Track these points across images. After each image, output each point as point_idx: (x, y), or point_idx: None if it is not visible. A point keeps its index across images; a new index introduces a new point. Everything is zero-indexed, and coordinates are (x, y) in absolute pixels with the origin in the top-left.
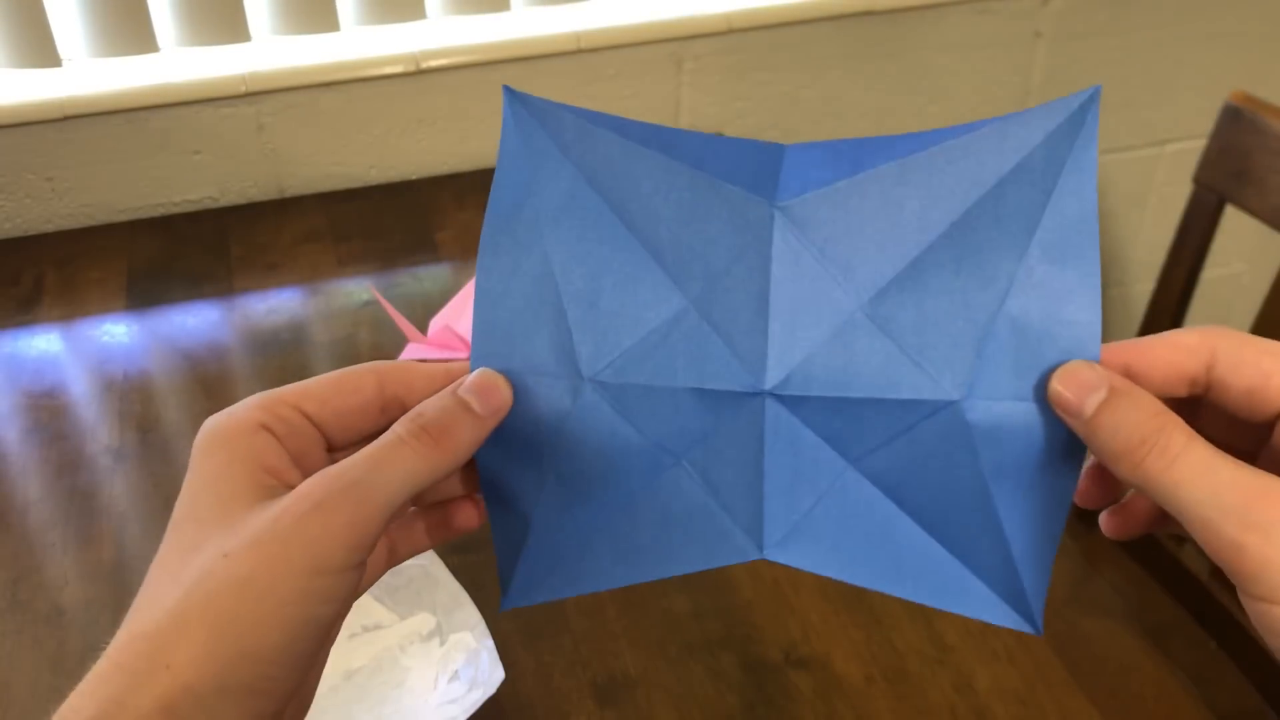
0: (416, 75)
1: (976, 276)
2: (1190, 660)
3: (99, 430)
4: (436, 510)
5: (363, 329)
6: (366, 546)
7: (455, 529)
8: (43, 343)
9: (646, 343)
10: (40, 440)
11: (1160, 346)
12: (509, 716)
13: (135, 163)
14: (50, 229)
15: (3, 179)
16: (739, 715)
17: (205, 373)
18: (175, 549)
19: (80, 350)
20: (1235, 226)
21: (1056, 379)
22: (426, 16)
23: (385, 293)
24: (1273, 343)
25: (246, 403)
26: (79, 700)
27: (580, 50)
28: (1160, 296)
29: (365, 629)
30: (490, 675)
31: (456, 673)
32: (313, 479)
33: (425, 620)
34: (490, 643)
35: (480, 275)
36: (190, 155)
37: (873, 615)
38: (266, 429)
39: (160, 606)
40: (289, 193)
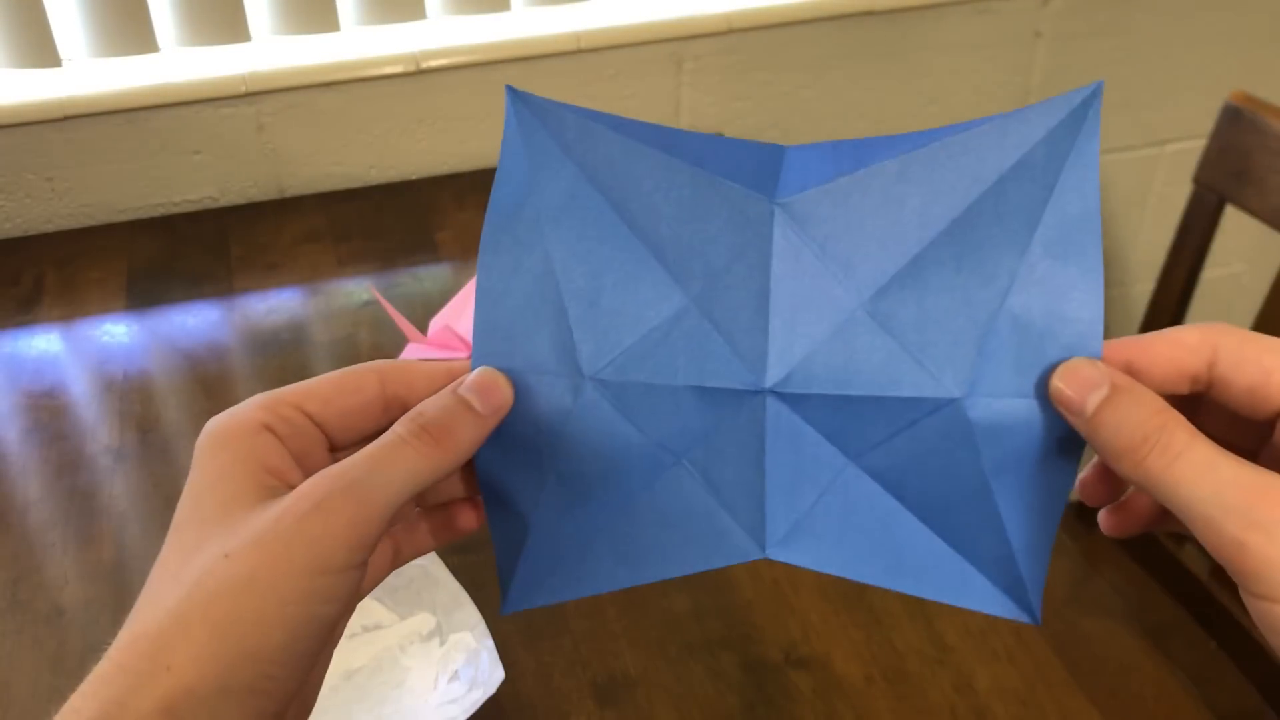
0: (416, 75)
1: (978, 273)
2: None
3: (99, 430)
4: (440, 511)
5: (363, 329)
6: (368, 546)
7: (458, 530)
8: (43, 343)
9: (647, 341)
10: (40, 440)
11: (1161, 344)
12: (509, 716)
13: (135, 163)
14: (50, 229)
15: (3, 179)
16: (739, 715)
17: (205, 373)
18: (176, 550)
19: (80, 350)
20: (1235, 226)
21: (1058, 376)
22: (426, 16)
23: (385, 293)
24: (1274, 340)
25: (249, 403)
26: (80, 701)
27: (580, 50)
28: (1160, 296)
29: (365, 629)
30: (490, 675)
31: (456, 673)
32: (314, 479)
33: (425, 620)
34: (490, 643)
35: (481, 274)
36: (190, 155)
37: (873, 615)
38: (269, 429)
39: (161, 607)
40: (289, 193)
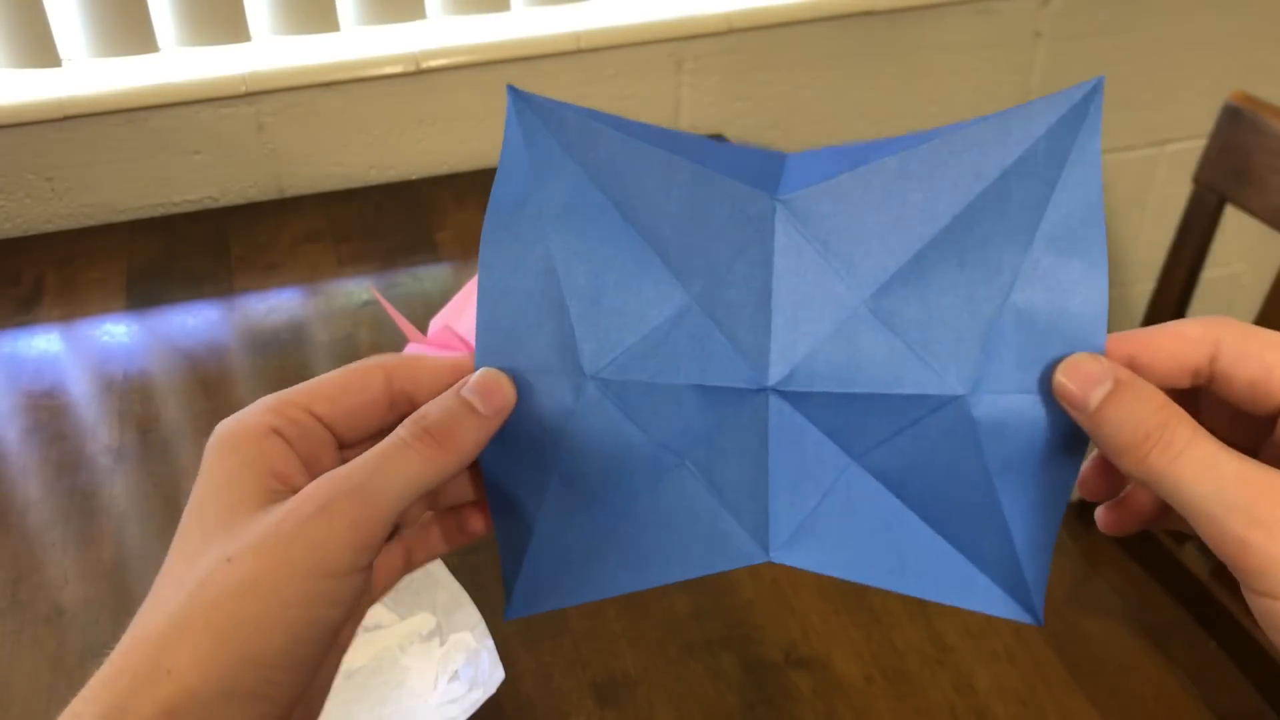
0: (416, 75)
1: (981, 269)
2: (1190, 660)
3: (99, 430)
4: (451, 515)
5: (363, 329)
6: (371, 549)
7: (469, 534)
8: (43, 343)
9: (649, 340)
10: (40, 440)
11: (1164, 337)
12: (509, 716)
13: (135, 163)
14: (50, 229)
15: (3, 179)
16: (739, 715)
17: (205, 373)
18: (180, 555)
19: (80, 350)
20: (1235, 226)
21: (1061, 371)
22: (426, 16)
23: (385, 293)
24: (1277, 335)
25: (257, 406)
26: (81, 705)
27: (580, 50)
28: (1160, 296)
29: (365, 629)
30: (490, 675)
31: (456, 673)
32: (317, 482)
33: (425, 620)
34: (490, 643)
35: (482, 272)
36: (190, 155)
37: (873, 615)
38: (277, 433)
39: (163, 611)
40: (289, 193)
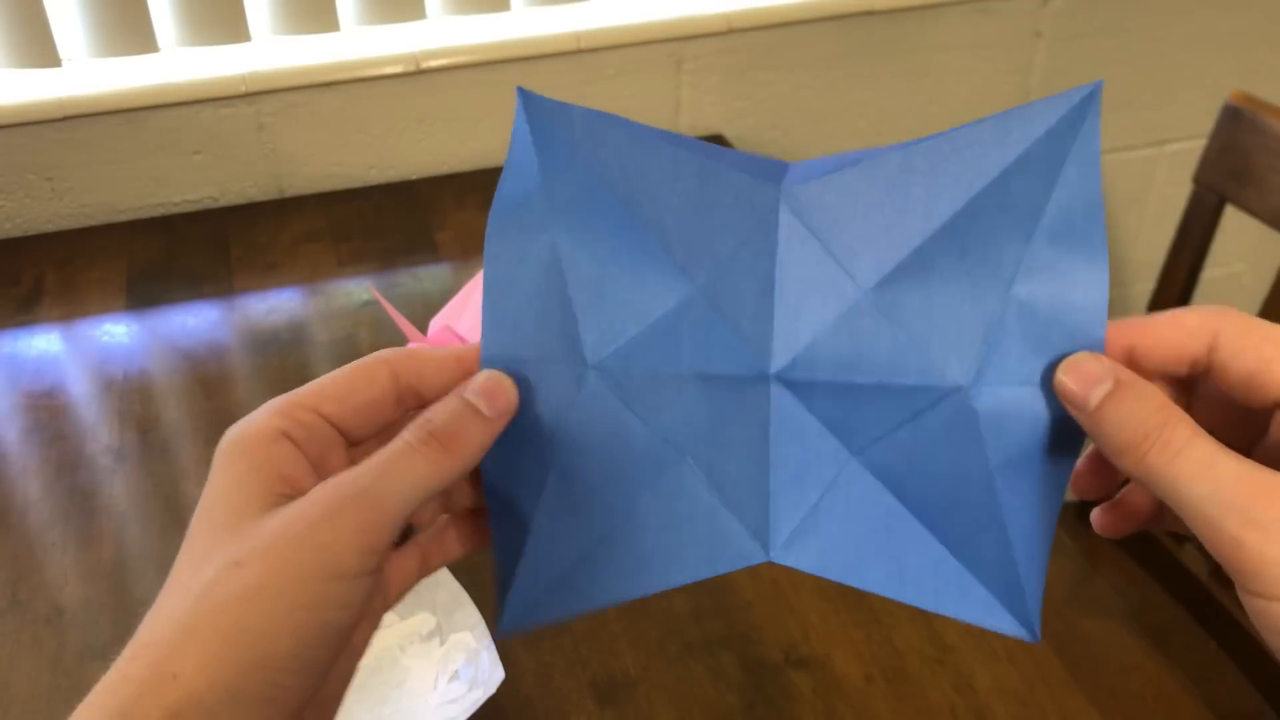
0: (416, 75)
1: (982, 262)
2: (1190, 660)
3: (99, 430)
4: (467, 518)
5: (363, 329)
6: (378, 552)
7: (485, 536)
8: (43, 343)
9: (652, 329)
10: (40, 440)
11: (1163, 326)
12: (509, 716)
13: (135, 163)
14: (50, 229)
15: (3, 179)
16: (739, 715)
17: (205, 373)
18: (187, 560)
19: (80, 350)
20: (1235, 226)
21: (1062, 370)
22: (426, 16)
23: (385, 293)
24: (1275, 327)
25: (265, 410)
26: (86, 711)
27: (580, 50)
28: (1160, 296)
29: None
30: (490, 675)
31: (456, 673)
32: (323, 486)
33: (425, 620)
34: (490, 643)
35: (488, 265)
36: (190, 155)
37: (873, 615)
38: (287, 436)
39: (169, 616)
40: (289, 193)
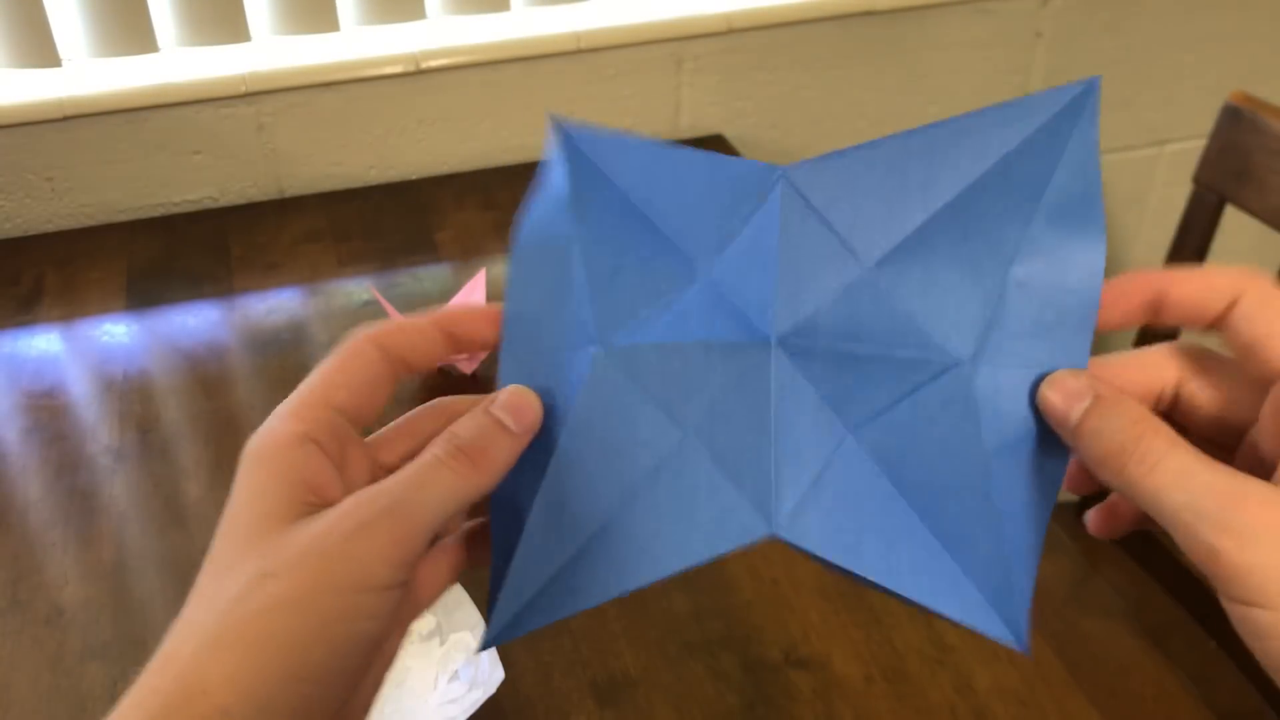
0: (416, 75)
1: (983, 244)
2: (1190, 660)
3: (99, 430)
4: None
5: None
6: (408, 564)
7: None
8: (43, 343)
9: (660, 309)
10: (40, 440)
11: (1194, 281)
12: (509, 716)
13: (135, 163)
14: (50, 229)
15: (3, 179)
16: (739, 715)
17: (205, 373)
18: (213, 571)
19: (80, 350)
20: (1235, 226)
21: (1045, 386)
22: (426, 16)
23: (385, 293)
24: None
25: (282, 415)
26: None
27: (580, 50)
28: None
29: None
30: (490, 675)
31: (456, 673)
32: (355, 499)
33: (425, 620)
34: None
35: (512, 268)
36: (190, 155)
37: (872, 615)
38: (309, 439)
39: (197, 628)
40: (289, 193)
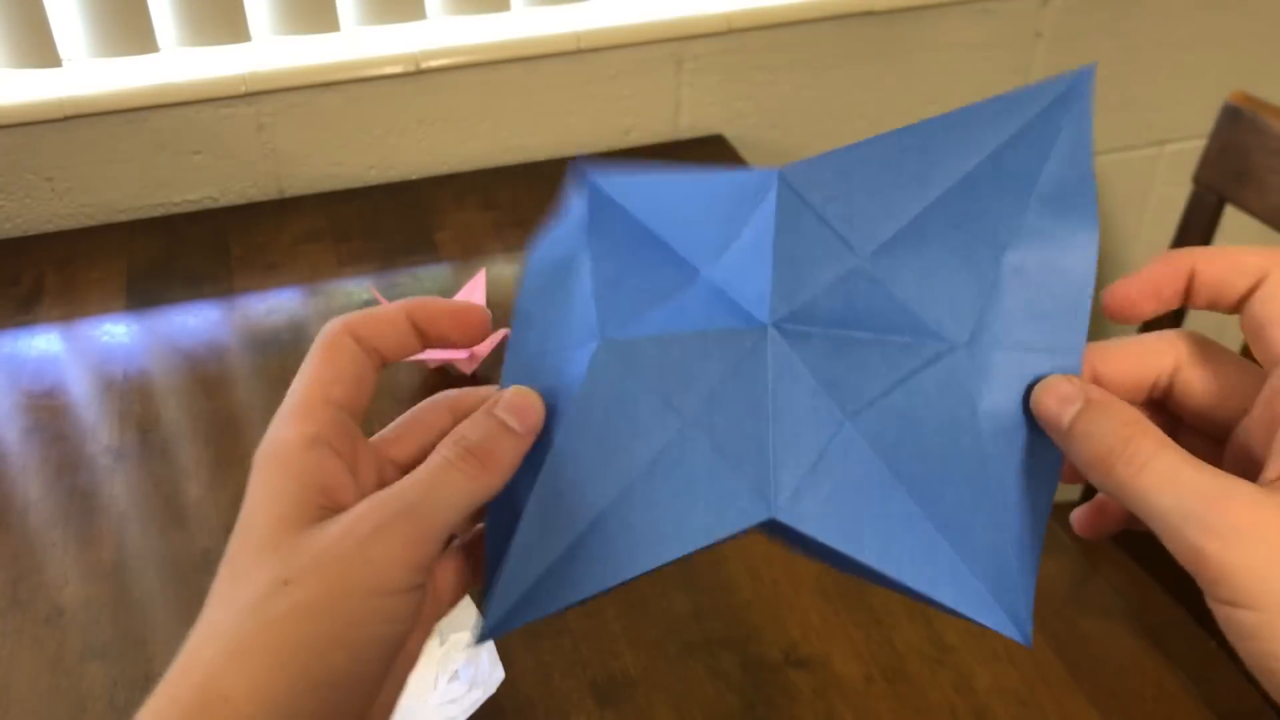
0: (416, 75)
1: (977, 231)
2: (1190, 660)
3: (99, 430)
4: None
5: None
6: (425, 566)
7: None
8: (43, 343)
9: (661, 307)
10: (40, 440)
11: (1221, 260)
12: (509, 716)
13: (135, 163)
14: (50, 229)
15: (3, 179)
16: (739, 715)
17: (205, 373)
18: (229, 577)
19: (80, 350)
20: (1235, 226)
21: (1038, 390)
22: (426, 16)
23: (385, 293)
24: (1231, 353)
25: (289, 417)
26: None
27: (580, 50)
28: None
29: None
30: (490, 675)
31: (456, 673)
32: (369, 503)
33: None
34: (490, 643)
35: (526, 279)
36: (190, 155)
37: (872, 615)
38: (320, 441)
39: (218, 635)
40: (289, 193)
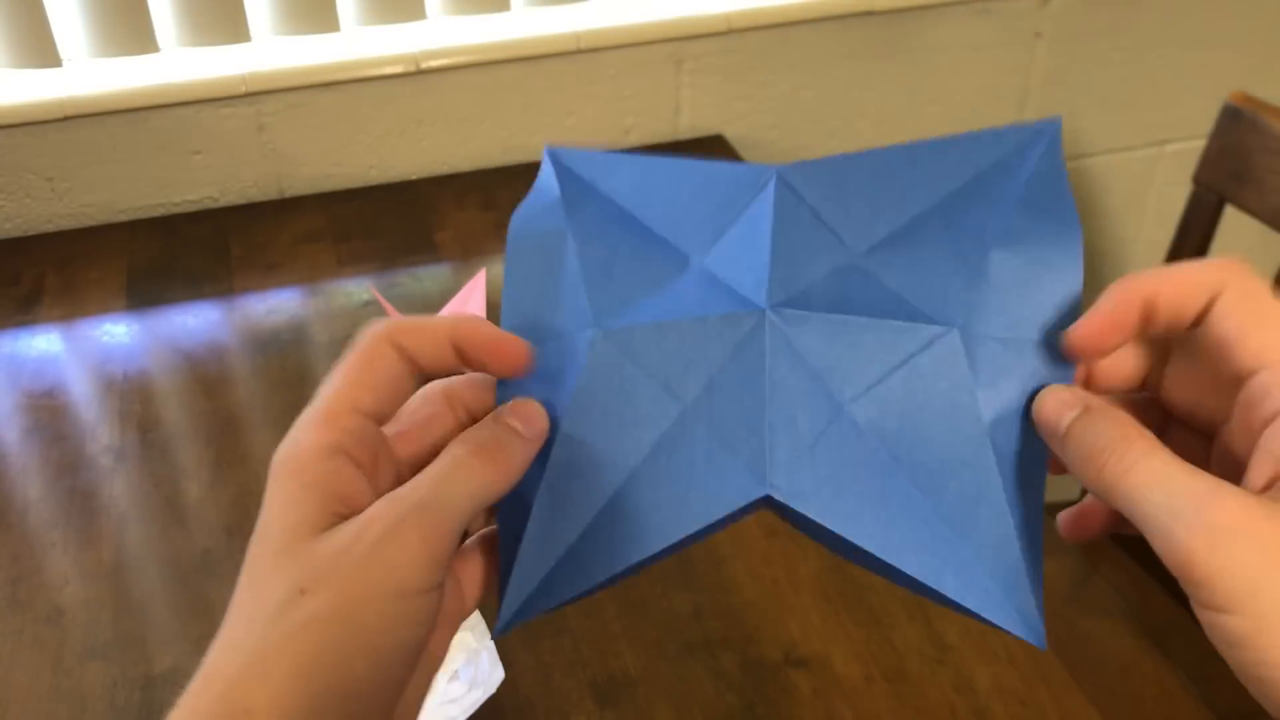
0: (416, 75)
1: (965, 232)
2: (1190, 660)
3: (99, 430)
4: None
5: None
6: (441, 564)
7: None
8: (43, 343)
9: (656, 294)
10: (40, 440)
11: (1180, 276)
12: (509, 716)
13: (135, 163)
14: (50, 229)
15: (3, 179)
16: (739, 715)
17: (205, 373)
18: (248, 585)
19: (80, 350)
20: (1235, 226)
21: (1039, 398)
22: (426, 16)
23: (385, 293)
24: (1272, 302)
25: (310, 424)
26: None
27: (580, 50)
28: None
29: None
30: (490, 675)
31: (456, 673)
32: (380, 504)
33: None
34: (490, 643)
35: (508, 261)
36: (190, 155)
37: (872, 615)
38: (339, 451)
39: (238, 648)
40: (289, 193)
